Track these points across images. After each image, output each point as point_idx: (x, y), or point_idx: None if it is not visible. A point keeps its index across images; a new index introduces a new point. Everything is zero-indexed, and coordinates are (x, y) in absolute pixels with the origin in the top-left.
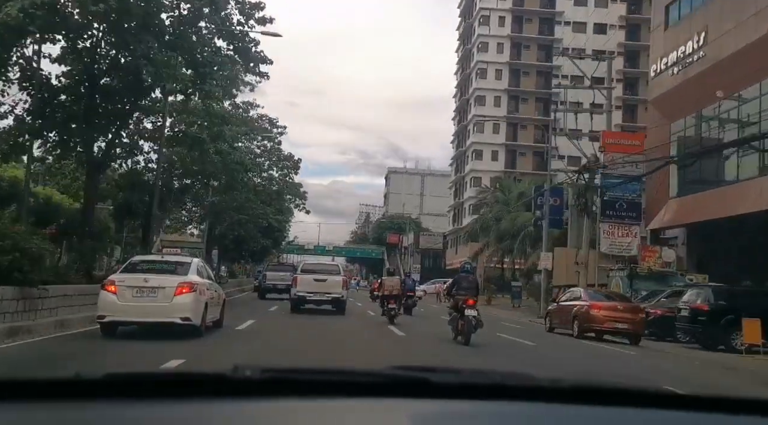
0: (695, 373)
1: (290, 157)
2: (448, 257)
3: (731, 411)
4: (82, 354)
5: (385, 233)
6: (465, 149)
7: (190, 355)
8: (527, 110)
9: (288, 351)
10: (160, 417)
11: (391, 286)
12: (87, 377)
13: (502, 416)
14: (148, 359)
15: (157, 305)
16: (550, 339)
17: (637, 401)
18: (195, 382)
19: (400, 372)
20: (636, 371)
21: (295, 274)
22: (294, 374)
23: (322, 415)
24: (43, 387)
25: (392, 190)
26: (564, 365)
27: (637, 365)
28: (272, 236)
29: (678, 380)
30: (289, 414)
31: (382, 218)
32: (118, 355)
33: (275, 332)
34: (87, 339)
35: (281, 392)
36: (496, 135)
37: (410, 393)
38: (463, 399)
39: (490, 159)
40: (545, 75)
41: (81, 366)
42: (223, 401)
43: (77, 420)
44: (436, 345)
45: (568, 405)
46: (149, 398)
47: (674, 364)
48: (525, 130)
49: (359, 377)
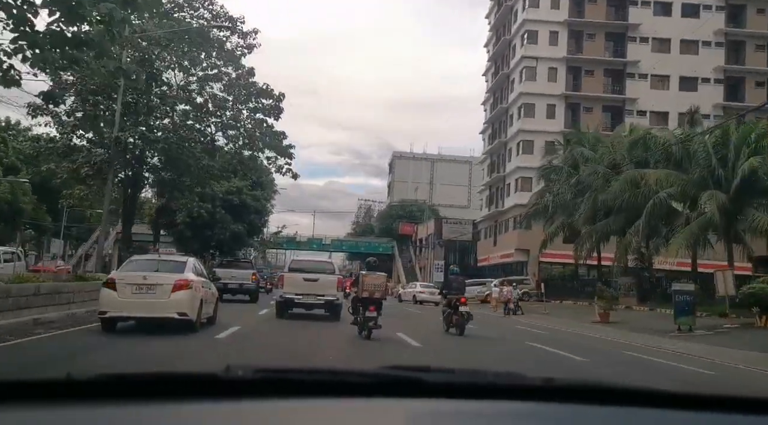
0: None
1: (268, 91)
2: (481, 251)
3: (729, 410)
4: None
5: (395, 224)
6: (508, 106)
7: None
8: (593, 49)
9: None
10: (153, 417)
11: (373, 285)
12: (78, 378)
13: (496, 415)
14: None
15: (156, 302)
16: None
17: (631, 400)
18: (187, 382)
19: (394, 371)
20: None
21: (282, 272)
22: (287, 374)
23: (315, 415)
24: (34, 389)
25: (397, 178)
26: None
27: None
28: (247, 220)
29: None
30: (282, 415)
31: (393, 203)
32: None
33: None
34: None
35: (274, 392)
36: (553, 84)
37: (404, 392)
38: (457, 399)
39: (544, 115)
40: (616, 3)
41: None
42: (215, 401)
43: (69, 421)
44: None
45: (561, 404)
46: (141, 398)
47: None
48: (591, 76)
49: (353, 377)
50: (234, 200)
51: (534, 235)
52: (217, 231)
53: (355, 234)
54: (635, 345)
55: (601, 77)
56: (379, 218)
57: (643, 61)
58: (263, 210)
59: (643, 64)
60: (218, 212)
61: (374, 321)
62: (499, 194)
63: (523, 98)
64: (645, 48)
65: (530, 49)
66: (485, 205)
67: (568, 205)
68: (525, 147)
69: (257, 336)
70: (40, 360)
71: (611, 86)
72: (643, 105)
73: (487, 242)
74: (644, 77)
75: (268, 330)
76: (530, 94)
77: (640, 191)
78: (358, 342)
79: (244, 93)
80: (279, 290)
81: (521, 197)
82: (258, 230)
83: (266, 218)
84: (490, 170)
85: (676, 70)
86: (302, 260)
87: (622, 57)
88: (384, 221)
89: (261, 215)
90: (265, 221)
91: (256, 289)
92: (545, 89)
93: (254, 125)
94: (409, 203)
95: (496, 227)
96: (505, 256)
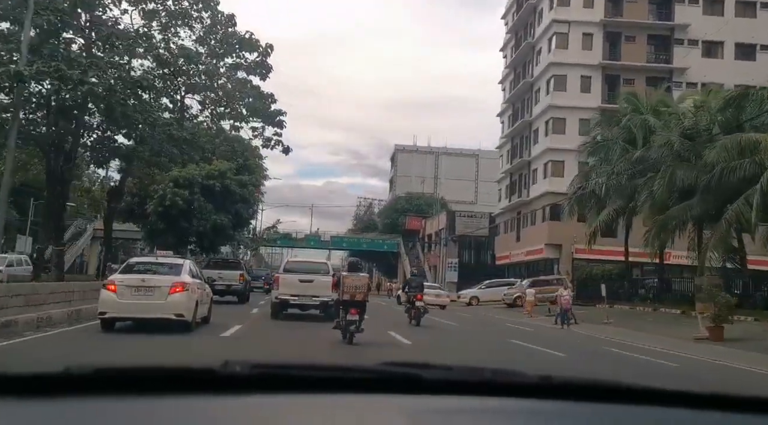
0: None
1: (251, 41)
2: (500, 247)
3: (727, 408)
4: None
5: (400, 218)
6: (533, 80)
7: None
8: (635, 11)
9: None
10: (150, 411)
11: (355, 286)
12: (76, 372)
13: (493, 412)
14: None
15: (154, 303)
16: None
17: (627, 398)
18: (185, 377)
19: (392, 367)
20: None
21: (277, 273)
22: (284, 369)
23: (312, 411)
24: (33, 383)
25: (400, 172)
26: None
27: None
28: (231, 210)
29: None
30: (279, 410)
31: (398, 195)
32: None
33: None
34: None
35: (271, 387)
36: (588, 52)
37: (402, 388)
38: (455, 395)
39: (577, 89)
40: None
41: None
42: (213, 396)
43: (67, 415)
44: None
45: (558, 401)
46: (139, 393)
47: None
48: (632, 43)
49: (351, 373)
50: (216, 185)
51: (567, 228)
52: (195, 223)
53: (357, 230)
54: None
55: (644, 44)
56: (383, 213)
57: (693, 25)
58: (251, 199)
59: (693, 30)
60: (197, 200)
61: (356, 324)
62: (522, 182)
63: (553, 70)
64: (695, 11)
65: (561, 11)
66: (504, 195)
67: (625, 188)
68: (555, 126)
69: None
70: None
71: (656, 55)
72: (693, 76)
73: (507, 238)
74: (694, 44)
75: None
76: (561, 64)
77: (746, 162)
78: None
79: (221, 46)
80: (275, 291)
81: (552, 183)
82: (245, 222)
83: (254, 209)
84: (510, 155)
85: (731, 37)
86: (297, 262)
87: (668, 20)
88: (388, 216)
89: (248, 205)
90: (253, 212)
91: (244, 290)
92: (579, 59)
93: (235, 86)
94: (416, 196)
95: (519, 220)
96: (531, 252)
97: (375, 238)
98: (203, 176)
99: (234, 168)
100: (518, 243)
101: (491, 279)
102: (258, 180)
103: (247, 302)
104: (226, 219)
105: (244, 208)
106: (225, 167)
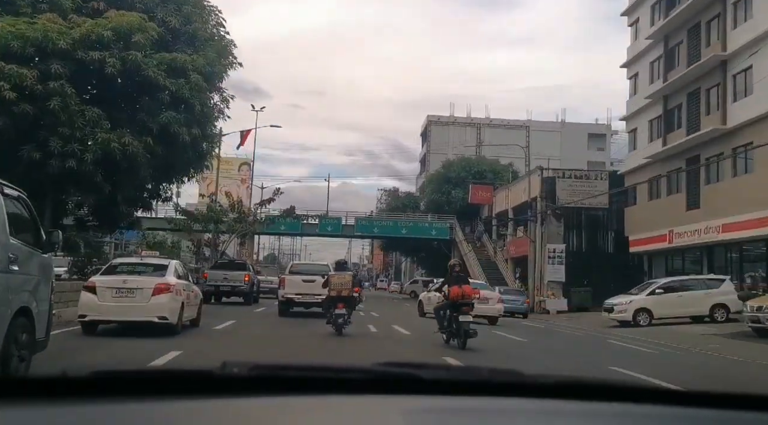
0: None
1: None
2: (635, 224)
3: (724, 406)
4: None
5: (453, 191)
6: None
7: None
8: None
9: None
10: (148, 414)
11: (340, 284)
12: (74, 375)
13: (491, 411)
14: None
15: (135, 305)
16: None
17: (623, 396)
18: (183, 379)
19: (390, 368)
20: None
21: (283, 275)
22: (283, 371)
23: (311, 412)
24: (29, 386)
25: (434, 148)
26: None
27: None
28: (171, 158)
29: None
30: (278, 412)
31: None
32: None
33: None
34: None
35: (270, 389)
36: None
37: (400, 389)
38: (453, 396)
39: None
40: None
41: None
42: (211, 398)
43: (64, 418)
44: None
45: (558, 400)
46: (137, 396)
47: None
48: None
49: (349, 374)
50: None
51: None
52: (55, 146)
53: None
54: None
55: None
56: (430, 186)
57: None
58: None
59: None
60: (58, 95)
61: (343, 317)
62: (700, 106)
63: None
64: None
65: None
66: (647, 138)
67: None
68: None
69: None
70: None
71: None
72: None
73: (656, 207)
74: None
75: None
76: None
77: None
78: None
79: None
80: (281, 291)
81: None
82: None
83: (211, 129)
84: (668, 59)
85: None
86: (301, 264)
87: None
88: (438, 189)
89: (203, 153)
90: (208, 163)
91: (249, 291)
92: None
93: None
94: (474, 162)
95: (696, 174)
96: (742, 225)
97: (418, 220)
98: (74, 40)
99: (154, 35)
100: (695, 212)
101: (629, 273)
102: (212, 112)
103: (255, 303)
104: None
105: (197, 160)
106: (128, 24)
